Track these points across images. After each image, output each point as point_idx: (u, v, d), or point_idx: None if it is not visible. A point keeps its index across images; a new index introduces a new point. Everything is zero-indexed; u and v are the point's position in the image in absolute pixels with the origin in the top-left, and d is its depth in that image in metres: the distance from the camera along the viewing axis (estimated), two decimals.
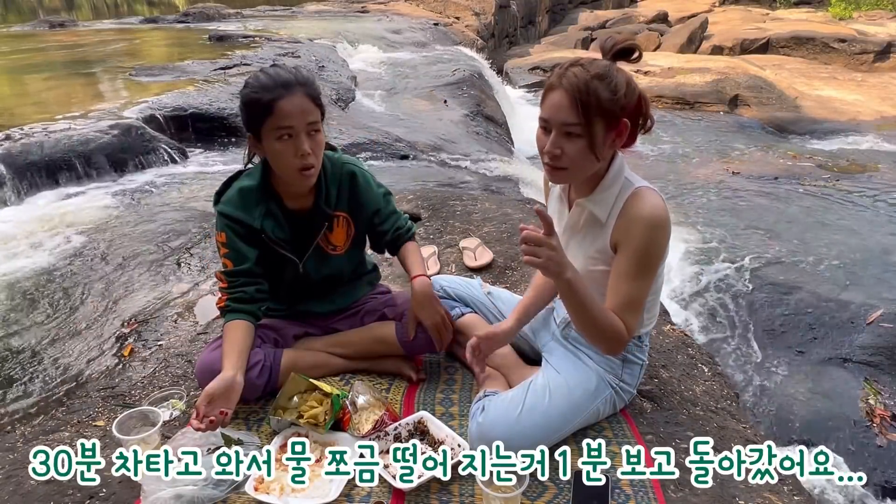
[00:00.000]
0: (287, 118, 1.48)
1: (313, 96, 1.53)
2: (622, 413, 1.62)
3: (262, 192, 1.62)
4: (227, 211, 1.61)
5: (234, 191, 1.62)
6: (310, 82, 1.54)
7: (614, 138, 1.36)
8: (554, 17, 16.23)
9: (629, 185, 1.40)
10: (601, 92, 1.30)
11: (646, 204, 1.36)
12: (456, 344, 1.83)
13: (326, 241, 1.72)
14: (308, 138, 1.51)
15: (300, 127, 1.50)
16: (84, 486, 1.44)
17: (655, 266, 1.40)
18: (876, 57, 11.37)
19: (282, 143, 1.50)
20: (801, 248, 4.76)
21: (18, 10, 17.53)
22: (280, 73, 1.52)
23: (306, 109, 1.51)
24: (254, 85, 1.52)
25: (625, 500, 1.34)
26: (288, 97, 1.48)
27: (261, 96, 1.49)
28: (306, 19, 10.91)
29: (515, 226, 2.90)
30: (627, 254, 1.38)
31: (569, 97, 1.30)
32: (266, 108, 1.48)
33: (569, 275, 1.30)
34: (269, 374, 1.63)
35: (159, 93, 4.87)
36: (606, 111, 1.31)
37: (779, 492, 1.46)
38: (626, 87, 1.32)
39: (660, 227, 1.36)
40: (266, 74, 1.52)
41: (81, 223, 3.19)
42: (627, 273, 1.38)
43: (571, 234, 1.52)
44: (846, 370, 3.42)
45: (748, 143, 7.85)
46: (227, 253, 1.62)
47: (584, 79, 1.30)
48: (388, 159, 4.51)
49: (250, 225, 1.61)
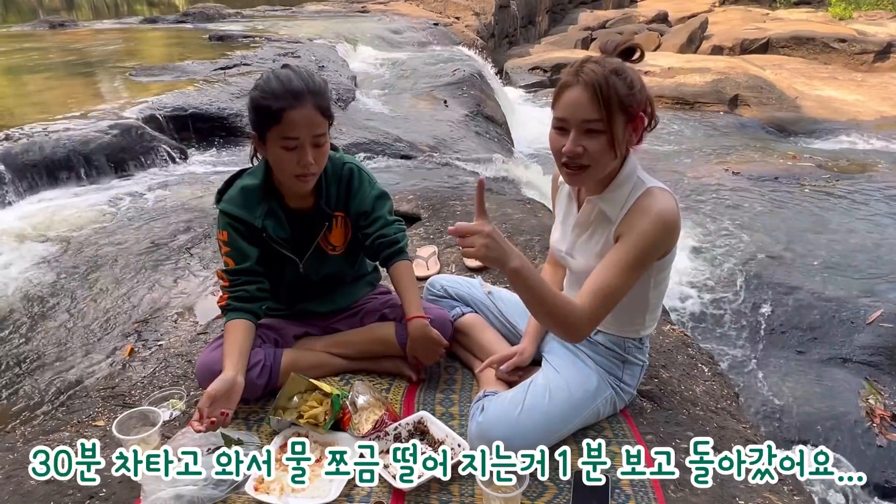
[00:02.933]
0: (293, 129, 1.47)
1: (323, 108, 1.51)
2: (622, 413, 1.62)
3: (264, 191, 1.62)
4: (228, 209, 1.61)
5: (237, 190, 1.62)
6: (321, 92, 1.52)
7: (631, 133, 1.36)
8: (554, 17, 16.23)
9: (642, 185, 1.39)
10: (619, 87, 1.29)
11: (656, 202, 1.35)
12: (456, 344, 1.83)
13: (326, 242, 1.72)
14: (313, 149, 1.51)
15: (305, 139, 1.49)
16: (84, 486, 1.44)
17: (645, 263, 1.36)
18: (876, 57, 11.38)
19: (285, 152, 1.50)
20: (802, 248, 4.76)
21: (18, 10, 17.53)
22: (292, 80, 1.49)
23: (314, 122, 1.49)
24: (264, 89, 1.49)
25: (625, 500, 1.34)
26: (297, 108, 1.46)
27: (270, 103, 1.47)
28: (306, 19, 10.91)
29: (516, 226, 2.90)
30: (623, 243, 1.35)
31: (589, 92, 1.29)
32: (274, 116, 1.47)
33: (514, 264, 1.23)
34: (269, 374, 1.63)
35: (159, 93, 4.86)
36: (625, 106, 1.31)
37: (779, 492, 1.46)
38: (640, 82, 1.33)
39: (665, 224, 1.33)
40: (278, 80, 1.49)
41: (81, 223, 3.19)
42: (616, 262, 1.34)
43: (580, 232, 1.51)
44: (846, 370, 3.42)
45: (748, 143, 7.85)
46: (228, 252, 1.62)
47: (603, 74, 1.29)
48: (388, 159, 4.51)
49: (251, 224, 1.61)
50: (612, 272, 1.33)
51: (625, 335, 1.56)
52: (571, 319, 1.31)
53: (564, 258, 1.59)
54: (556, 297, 1.30)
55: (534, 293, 1.27)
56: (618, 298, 1.35)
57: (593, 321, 1.35)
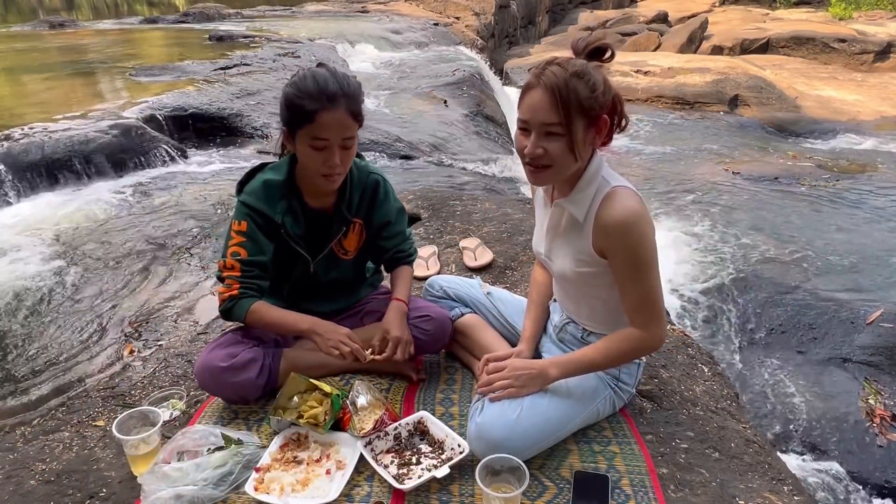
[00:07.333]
0: (325, 131, 1.48)
1: (355, 111, 1.51)
2: (622, 413, 1.61)
3: (287, 187, 1.63)
4: (250, 202, 1.61)
5: (259, 182, 1.63)
6: (355, 95, 1.52)
7: (594, 136, 1.36)
8: (554, 17, 16.25)
9: (605, 185, 1.39)
10: (580, 90, 1.28)
11: (617, 206, 1.34)
12: (456, 344, 1.83)
13: (339, 246, 1.74)
14: (341, 151, 1.52)
15: (335, 141, 1.50)
16: (84, 485, 1.44)
17: (651, 261, 1.38)
18: (876, 57, 11.38)
19: (314, 151, 1.51)
20: (801, 247, 4.76)
21: (19, 10, 17.55)
22: (328, 81, 1.49)
23: (345, 124, 1.50)
24: (300, 87, 1.49)
25: (625, 500, 1.34)
26: (331, 111, 1.47)
27: (304, 103, 1.47)
28: (306, 19, 10.91)
29: (515, 226, 2.90)
30: (617, 261, 1.38)
31: (548, 96, 1.29)
32: (306, 116, 1.47)
33: (554, 374, 1.44)
34: (269, 373, 1.63)
35: (159, 93, 4.87)
36: (586, 109, 1.30)
37: (779, 492, 1.46)
38: (604, 84, 1.31)
39: (636, 226, 1.33)
40: (314, 80, 1.49)
41: (81, 223, 3.19)
42: (627, 278, 1.38)
43: (554, 235, 1.52)
44: (846, 370, 3.42)
45: (748, 143, 7.86)
46: (242, 242, 1.61)
47: (563, 77, 1.28)
48: (388, 159, 4.51)
49: (271, 218, 1.62)
50: (633, 286, 1.39)
51: None
52: (637, 345, 1.43)
53: (545, 261, 1.61)
54: (608, 349, 1.45)
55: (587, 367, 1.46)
56: (658, 296, 1.41)
57: (657, 327, 1.43)
